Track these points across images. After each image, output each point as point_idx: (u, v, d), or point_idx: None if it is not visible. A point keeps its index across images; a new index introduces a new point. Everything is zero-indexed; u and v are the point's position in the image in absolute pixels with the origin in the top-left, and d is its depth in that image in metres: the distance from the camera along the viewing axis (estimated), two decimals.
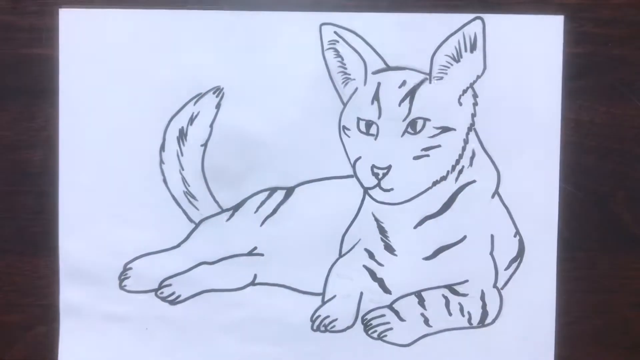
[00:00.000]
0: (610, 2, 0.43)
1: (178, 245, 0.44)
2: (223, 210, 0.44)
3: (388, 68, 0.43)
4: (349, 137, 0.44)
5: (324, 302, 0.44)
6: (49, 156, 0.44)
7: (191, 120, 0.44)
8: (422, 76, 0.43)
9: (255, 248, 0.44)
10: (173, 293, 0.44)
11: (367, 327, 0.44)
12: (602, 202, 0.44)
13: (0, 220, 0.44)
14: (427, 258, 0.44)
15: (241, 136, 0.44)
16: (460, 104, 0.43)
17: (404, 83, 0.43)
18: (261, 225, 0.44)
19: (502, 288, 0.44)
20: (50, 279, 0.44)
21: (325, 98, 0.44)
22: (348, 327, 0.44)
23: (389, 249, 0.44)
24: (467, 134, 0.43)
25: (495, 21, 0.43)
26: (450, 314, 0.44)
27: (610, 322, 0.44)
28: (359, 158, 0.43)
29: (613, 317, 0.44)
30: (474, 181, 0.44)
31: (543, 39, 0.43)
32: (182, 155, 0.44)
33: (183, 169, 0.44)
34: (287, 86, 0.43)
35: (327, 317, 0.44)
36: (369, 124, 0.43)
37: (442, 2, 0.43)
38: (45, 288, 0.45)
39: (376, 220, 0.44)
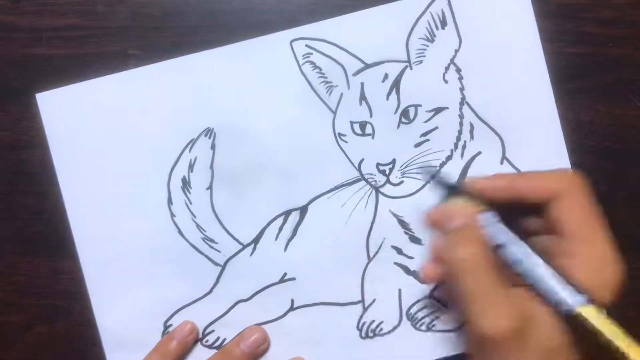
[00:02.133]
0: (610, 2, 0.43)
1: (210, 291, 0.44)
2: (244, 246, 0.44)
3: (367, 66, 0.43)
4: (346, 142, 0.44)
5: (365, 309, 0.44)
6: (49, 156, 0.44)
7: (191, 167, 0.44)
8: (402, 65, 0.43)
9: (285, 274, 0.44)
10: (218, 338, 0.44)
11: (414, 321, 0.44)
12: (602, 202, 0.43)
13: (0, 220, 0.44)
14: None
15: (242, 169, 0.44)
16: (446, 82, 0.43)
17: (386, 76, 0.43)
18: (285, 250, 0.44)
19: None
20: (51, 278, 0.45)
21: (314, 111, 0.44)
22: (395, 327, 0.44)
23: (415, 240, 0.44)
24: (461, 108, 0.43)
25: None
26: None
27: None
28: (362, 160, 0.43)
29: (613, 317, 0.43)
30: (479, 153, 0.43)
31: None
32: (190, 203, 0.44)
33: (195, 217, 0.44)
34: (274, 110, 0.44)
35: (373, 321, 0.44)
36: (362, 124, 0.43)
37: None
38: (45, 288, 0.45)
39: (395, 215, 0.44)
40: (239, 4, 0.44)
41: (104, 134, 0.44)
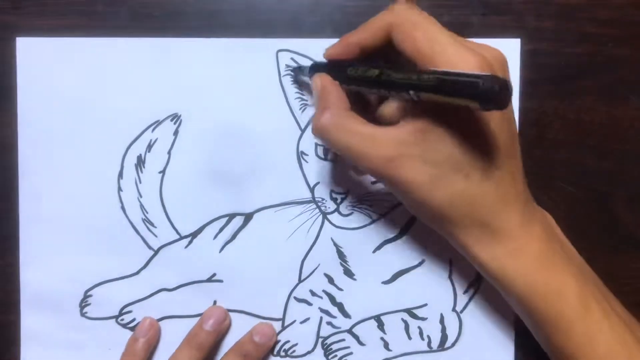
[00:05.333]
0: (610, 2, 0.44)
1: (137, 272, 0.44)
2: (181, 237, 0.44)
3: None
4: (307, 162, 0.44)
5: (284, 327, 0.44)
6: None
7: (149, 147, 0.44)
8: None
9: (214, 274, 0.44)
10: (133, 320, 0.44)
11: (327, 351, 0.44)
12: (602, 202, 0.43)
13: (0, 220, 0.44)
14: (386, 282, 0.44)
15: (199, 162, 0.44)
16: None
17: None
18: (220, 251, 0.44)
19: (461, 311, 0.44)
20: None
21: (283, 124, 0.44)
22: (308, 352, 0.44)
23: (349, 273, 0.44)
24: None
25: None
26: (409, 338, 0.44)
27: None
28: (318, 183, 0.44)
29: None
30: None
31: None
32: (140, 182, 0.44)
33: (141, 196, 0.44)
34: (244, 113, 0.43)
35: (287, 342, 0.44)
36: (326, 149, 0.43)
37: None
38: None
39: (335, 245, 0.44)
40: (240, 4, 0.44)
41: (74, 94, 0.43)
